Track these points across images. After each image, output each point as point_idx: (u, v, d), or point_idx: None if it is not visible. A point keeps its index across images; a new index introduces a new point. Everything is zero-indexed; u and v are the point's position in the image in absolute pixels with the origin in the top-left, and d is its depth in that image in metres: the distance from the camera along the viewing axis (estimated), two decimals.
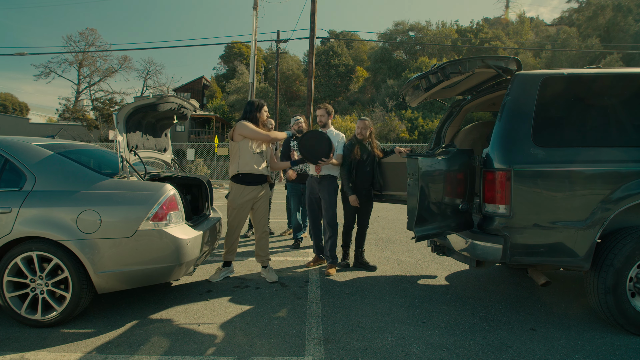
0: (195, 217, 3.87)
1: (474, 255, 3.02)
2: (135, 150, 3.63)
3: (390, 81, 30.85)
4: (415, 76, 3.64)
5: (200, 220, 3.73)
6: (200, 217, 3.85)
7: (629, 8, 29.23)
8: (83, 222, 2.90)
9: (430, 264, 4.75)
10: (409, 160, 3.00)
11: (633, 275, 2.82)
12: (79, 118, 30.12)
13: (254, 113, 3.97)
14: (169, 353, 2.57)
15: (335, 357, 2.53)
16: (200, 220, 3.73)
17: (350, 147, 4.40)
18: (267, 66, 37.87)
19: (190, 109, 4.16)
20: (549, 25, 39.13)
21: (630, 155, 2.84)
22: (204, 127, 34.19)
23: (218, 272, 4.10)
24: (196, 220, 3.65)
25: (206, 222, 3.77)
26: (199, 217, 3.88)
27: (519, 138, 2.89)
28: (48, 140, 3.57)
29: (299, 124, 5.32)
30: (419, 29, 36.37)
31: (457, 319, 3.15)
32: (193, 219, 3.67)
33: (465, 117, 4.32)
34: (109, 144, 21.45)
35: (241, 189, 3.90)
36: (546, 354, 2.59)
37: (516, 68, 3.13)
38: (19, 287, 2.95)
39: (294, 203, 5.63)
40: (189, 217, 3.73)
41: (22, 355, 2.53)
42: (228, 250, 4.07)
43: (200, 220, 3.75)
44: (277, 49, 22.43)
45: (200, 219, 3.77)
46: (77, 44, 35.66)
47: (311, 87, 15.42)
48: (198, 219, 3.73)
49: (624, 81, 3.06)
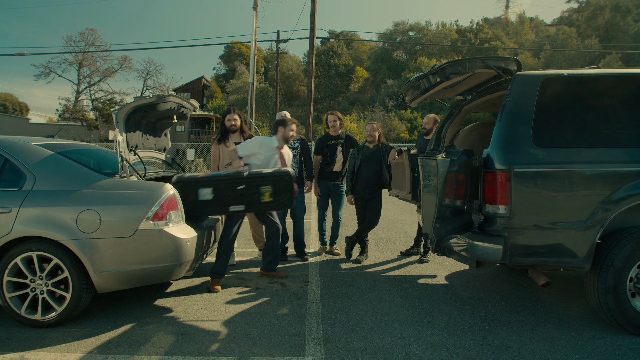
0: None
1: (474, 255, 3.02)
2: (135, 150, 3.63)
3: (390, 81, 30.87)
4: (415, 76, 3.64)
5: (200, 220, 3.73)
6: (200, 217, 3.85)
7: (628, 8, 29.26)
8: (83, 221, 2.89)
9: (430, 264, 4.75)
10: (424, 161, 2.99)
11: (633, 275, 2.82)
12: (79, 118, 30.08)
13: (223, 126, 4.49)
14: (169, 353, 2.57)
15: (335, 357, 2.53)
16: (200, 220, 3.73)
17: (354, 154, 4.89)
18: (267, 66, 37.87)
19: (190, 108, 4.16)
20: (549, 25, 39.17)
21: (630, 156, 2.84)
22: (204, 127, 34.19)
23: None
24: (196, 220, 3.65)
25: (206, 222, 3.77)
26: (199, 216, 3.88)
27: (519, 139, 2.89)
28: (48, 140, 3.57)
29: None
30: (418, 29, 36.41)
31: (457, 319, 3.15)
32: (193, 219, 3.67)
33: (465, 118, 4.32)
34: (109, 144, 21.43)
35: None
36: (546, 354, 2.59)
37: (516, 68, 3.13)
38: (19, 287, 2.95)
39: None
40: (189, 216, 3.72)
41: (22, 355, 2.53)
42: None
43: (200, 219, 3.74)
44: (277, 49, 22.45)
45: (200, 219, 3.77)
46: (77, 44, 35.70)
47: (311, 87, 15.43)
48: (198, 219, 3.73)
49: (624, 82, 3.06)
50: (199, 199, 3.45)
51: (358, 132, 23.72)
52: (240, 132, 4.59)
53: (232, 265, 4.62)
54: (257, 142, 3.91)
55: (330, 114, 5.01)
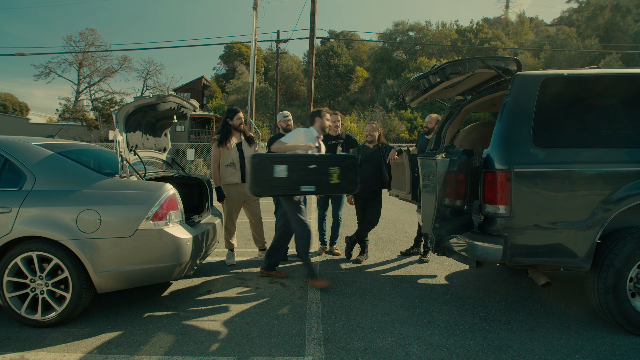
0: (195, 216, 3.88)
1: (474, 255, 3.02)
2: (135, 150, 3.63)
3: (390, 81, 30.88)
4: (416, 76, 3.64)
5: (200, 220, 3.73)
6: (200, 217, 3.85)
7: (627, 8, 29.27)
8: (83, 221, 2.89)
9: (430, 264, 4.75)
10: (424, 161, 2.99)
11: (633, 275, 2.82)
12: (79, 118, 30.07)
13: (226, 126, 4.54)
14: (169, 353, 2.57)
15: (335, 357, 2.53)
16: (200, 220, 3.73)
17: (354, 154, 4.82)
18: (267, 66, 37.87)
19: (190, 108, 4.16)
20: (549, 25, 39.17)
21: (630, 156, 2.84)
22: (204, 127, 34.17)
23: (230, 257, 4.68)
24: (196, 220, 3.65)
25: (206, 222, 3.77)
26: (199, 216, 3.88)
27: (519, 139, 2.88)
28: (48, 140, 3.57)
29: (288, 121, 4.98)
30: (418, 29, 36.41)
31: (457, 319, 3.15)
32: (193, 219, 3.67)
33: (465, 118, 4.32)
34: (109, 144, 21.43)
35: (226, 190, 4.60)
36: (546, 354, 2.59)
37: (516, 68, 3.13)
38: (19, 287, 2.94)
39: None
40: (189, 216, 3.73)
41: (22, 355, 2.53)
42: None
43: (200, 219, 3.75)
44: (277, 49, 22.44)
45: (200, 219, 3.77)
46: (77, 44, 35.70)
47: (311, 87, 15.42)
48: (198, 219, 3.73)
49: (624, 81, 3.06)
50: (273, 175, 3.56)
51: (358, 132, 23.73)
52: (240, 132, 4.62)
53: (231, 265, 4.63)
54: (301, 132, 4.04)
55: (333, 114, 5.02)
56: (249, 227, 4.96)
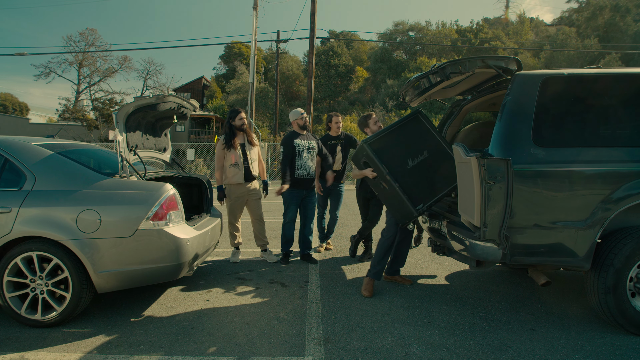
0: (195, 216, 3.87)
1: (474, 255, 3.02)
2: (135, 150, 3.63)
3: (390, 81, 30.84)
4: (416, 76, 3.64)
5: (200, 220, 3.73)
6: (200, 217, 3.85)
7: (627, 8, 29.25)
8: (83, 221, 2.89)
9: (430, 264, 4.75)
10: (491, 161, 2.80)
11: (633, 275, 2.82)
12: (79, 118, 30.09)
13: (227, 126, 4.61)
14: (169, 353, 2.57)
15: (335, 357, 2.53)
16: (200, 220, 3.73)
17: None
18: (267, 66, 37.85)
19: (190, 108, 4.16)
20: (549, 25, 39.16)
21: (630, 155, 2.84)
22: (204, 127, 34.16)
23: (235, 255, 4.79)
24: (196, 220, 3.65)
25: (206, 222, 3.77)
26: (199, 216, 3.88)
27: (519, 138, 2.88)
28: (48, 140, 3.56)
29: (305, 118, 4.84)
30: (418, 29, 36.37)
31: (457, 319, 3.15)
32: (193, 219, 3.67)
33: (465, 118, 4.32)
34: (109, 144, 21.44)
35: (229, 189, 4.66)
36: (546, 354, 2.59)
37: (516, 68, 3.13)
38: (19, 287, 2.95)
39: (292, 212, 4.69)
40: (189, 216, 3.73)
41: (22, 355, 2.53)
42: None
43: (200, 219, 3.75)
44: (277, 49, 22.44)
45: (200, 219, 3.77)
46: (77, 44, 35.70)
47: (311, 87, 15.42)
48: (198, 219, 3.73)
49: (624, 81, 3.06)
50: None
51: (358, 132, 23.71)
52: (243, 133, 4.64)
53: (234, 263, 4.66)
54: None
55: (335, 115, 5.15)
56: (249, 226, 4.97)
